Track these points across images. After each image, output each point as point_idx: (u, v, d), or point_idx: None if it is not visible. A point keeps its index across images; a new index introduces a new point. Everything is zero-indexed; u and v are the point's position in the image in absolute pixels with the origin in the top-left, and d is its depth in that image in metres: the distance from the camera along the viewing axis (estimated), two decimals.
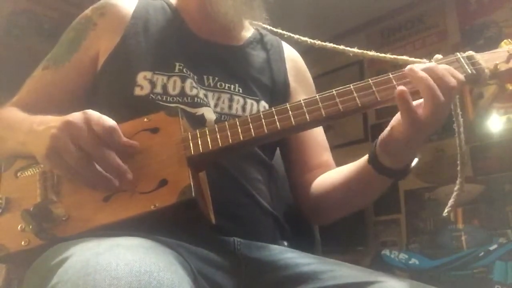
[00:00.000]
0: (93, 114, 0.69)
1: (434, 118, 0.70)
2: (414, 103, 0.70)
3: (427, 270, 2.59)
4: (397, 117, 0.74)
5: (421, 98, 0.71)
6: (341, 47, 0.97)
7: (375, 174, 0.79)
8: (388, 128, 0.76)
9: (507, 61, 0.75)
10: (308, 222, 0.99)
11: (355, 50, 0.96)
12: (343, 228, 2.69)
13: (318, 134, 1.01)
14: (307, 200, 0.95)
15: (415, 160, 0.79)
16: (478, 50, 0.78)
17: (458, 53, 0.76)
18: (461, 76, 0.72)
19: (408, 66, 0.72)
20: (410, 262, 2.66)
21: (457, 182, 0.84)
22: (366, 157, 0.81)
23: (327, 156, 1.00)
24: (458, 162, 0.83)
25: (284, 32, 1.04)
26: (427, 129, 0.72)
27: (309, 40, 1.01)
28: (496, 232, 2.80)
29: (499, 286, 2.27)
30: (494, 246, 2.43)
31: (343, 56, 0.99)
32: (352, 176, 0.86)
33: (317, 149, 0.99)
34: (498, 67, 0.75)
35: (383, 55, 0.93)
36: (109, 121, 0.69)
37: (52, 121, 0.71)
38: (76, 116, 0.68)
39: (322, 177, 0.95)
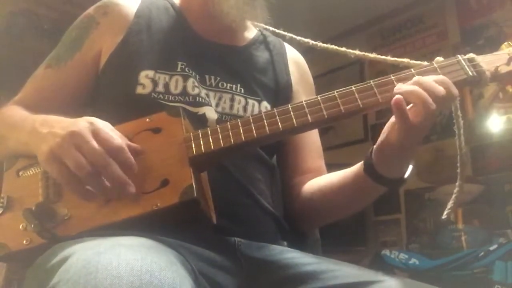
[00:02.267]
0: (101, 127, 0.68)
1: (425, 125, 0.72)
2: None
3: (427, 270, 2.59)
4: (390, 124, 0.75)
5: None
6: (343, 49, 0.97)
7: (371, 182, 0.79)
8: (382, 136, 0.76)
9: (508, 64, 0.75)
10: (296, 225, 0.97)
11: (357, 52, 0.96)
12: (343, 228, 2.70)
13: (313, 139, 1.01)
14: (295, 203, 0.95)
15: (409, 170, 0.80)
16: (478, 50, 0.78)
17: (459, 55, 0.76)
18: (455, 91, 0.73)
19: (395, 88, 0.72)
20: (410, 262, 2.66)
21: (457, 184, 0.84)
22: (360, 164, 0.82)
23: (320, 162, 1.01)
24: (458, 164, 0.84)
25: (286, 33, 1.04)
26: (419, 136, 0.73)
27: (311, 42, 1.02)
28: (496, 232, 2.80)
29: (499, 286, 2.26)
30: (494, 246, 2.42)
31: (343, 56, 0.99)
32: (346, 183, 0.86)
33: (310, 154, 1.00)
34: (499, 69, 0.75)
35: (383, 57, 0.93)
36: (117, 140, 0.67)
37: (56, 125, 0.70)
38: (82, 126, 0.68)
39: (312, 181, 0.95)
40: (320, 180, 0.94)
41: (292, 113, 0.73)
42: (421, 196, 3.31)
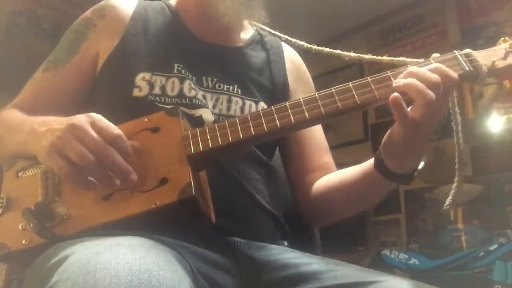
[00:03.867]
0: (99, 118, 0.69)
1: (427, 118, 0.71)
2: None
3: (427, 270, 2.59)
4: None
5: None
6: (337, 51, 0.98)
7: (381, 178, 0.80)
8: (388, 132, 0.77)
9: (504, 58, 0.76)
10: (307, 224, 0.99)
11: (351, 54, 0.96)
12: (343, 228, 2.69)
13: (318, 135, 1.01)
14: (307, 202, 0.96)
15: (421, 164, 0.80)
16: (478, 49, 0.78)
17: (455, 51, 0.77)
18: (454, 74, 0.73)
19: (394, 82, 0.73)
20: (410, 262, 2.66)
21: (455, 179, 0.84)
22: (371, 161, 0.82)
23: (327, 158, 1.01)
24: (456, 160, 0.84)
25: (281, 35, 1.05)
26: (423, 130, 0.73)
27: (305, 45, 1.02)
28: (496, 232, 2.80)
29: (499, 286, 2.27)
30: (494, 246, 2.43)
31: (343, 57, 0.99)
32: (357, 180, 0.86)
33: (317, 150, 1.00)
34: (496, 64, 0.75)
35: (379, 57, 0.94)
36: (115, 129, 0.69)
37: (54, 123, 0.71)
38: (81, 119, 0.69)
39: (323, 179, 0.95)
40: (332, 177, 0.94)
41: (289, 110, 0.73)
42: (421, 196, 3.32)
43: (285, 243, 0.90)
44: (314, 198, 0.94)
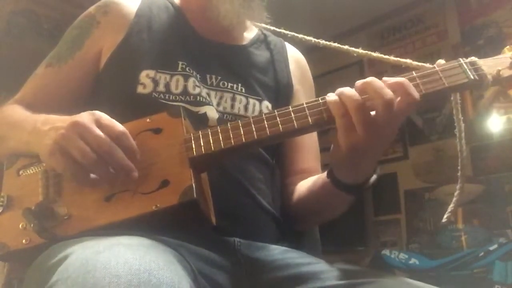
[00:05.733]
0: (103, 116, 0.69)
1: (364, 134, 0.68)
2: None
3: (427, 270, 2.59)
4: None
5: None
6: (345, 47, 0.97)
7: (332, 187, 0.80)
8: (334, 140, 0.75)
9: (510, 68, 0.75)
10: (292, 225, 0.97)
11: (359, 50, 0.95)
12: (343, 228, 2.70)
13: (310, 140, 1.01)
14: (288, 202, 0.96)
15: (373, 178, 0.79)
16: (478, 50, 0.78)
17: (460, 59, 0.76)
18: (415, 96, 0.69)
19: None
20: (410, 262, 2.66)
21: (457, 187, 0.84)
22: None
23: (314, 163, 1.01)
24: (459, 167, 0.83)
25: (287, 32, 1.04)
26: (367, 146, 0.70)
27: (313, 40, 1.01)
28: (496, 232, 2.81)
29: (499, 286, 2.27)
30: (494, 246, 2.43)
31: (343, 57, 0.99)
32: (316, 186, 0.87)
33: (306, 154, 1.00)
34: (501, 73, 0.74)
35: (386, 56, 0.93)
36: (119, 126, 0.69)
37: (57, 121, 0.71)
38: (85, 117, 0.69)
39: (302, 182, 0.95)
40: (307, 182, 0.94)
41: (293, 114, 0.72)
42: (421, 196, 3.32)
43: (285, 243, 0.90)
44: (294, 201, 0.94)
